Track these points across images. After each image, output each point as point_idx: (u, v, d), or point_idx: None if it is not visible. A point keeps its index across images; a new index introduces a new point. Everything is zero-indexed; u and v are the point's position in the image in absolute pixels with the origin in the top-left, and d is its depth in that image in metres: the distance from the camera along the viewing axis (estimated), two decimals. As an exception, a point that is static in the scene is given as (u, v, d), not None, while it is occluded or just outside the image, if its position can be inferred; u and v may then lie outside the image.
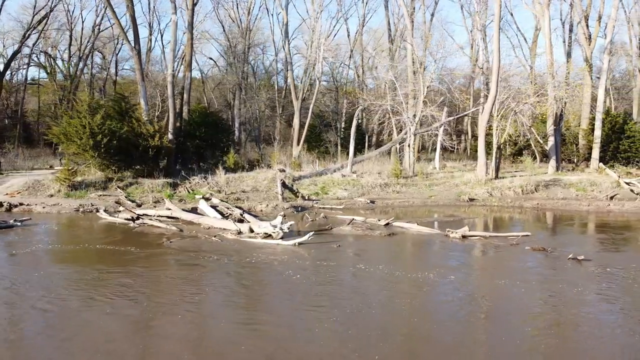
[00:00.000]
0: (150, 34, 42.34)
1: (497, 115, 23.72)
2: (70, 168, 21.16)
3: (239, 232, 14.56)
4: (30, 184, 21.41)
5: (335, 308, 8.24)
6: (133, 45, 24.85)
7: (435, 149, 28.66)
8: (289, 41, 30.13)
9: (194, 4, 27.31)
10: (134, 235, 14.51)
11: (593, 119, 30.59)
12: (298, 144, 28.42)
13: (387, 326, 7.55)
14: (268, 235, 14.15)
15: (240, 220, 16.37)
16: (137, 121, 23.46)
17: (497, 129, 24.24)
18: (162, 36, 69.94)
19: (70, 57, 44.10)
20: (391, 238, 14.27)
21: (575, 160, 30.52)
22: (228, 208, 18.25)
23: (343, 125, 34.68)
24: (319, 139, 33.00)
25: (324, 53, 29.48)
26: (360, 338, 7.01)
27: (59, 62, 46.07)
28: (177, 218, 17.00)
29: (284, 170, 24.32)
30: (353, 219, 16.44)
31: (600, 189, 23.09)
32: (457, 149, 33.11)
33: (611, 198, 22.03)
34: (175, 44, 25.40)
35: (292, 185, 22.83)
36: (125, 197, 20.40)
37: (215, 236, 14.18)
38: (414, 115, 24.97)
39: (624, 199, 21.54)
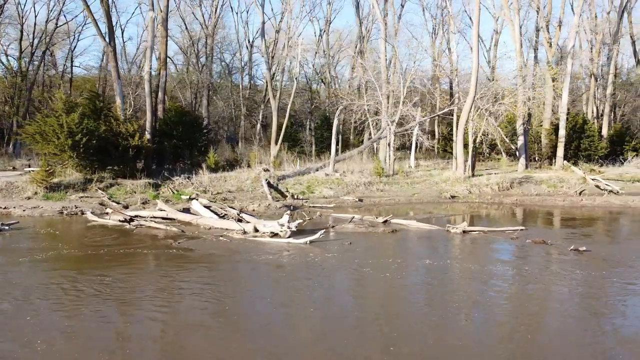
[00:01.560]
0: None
1: (474, 115, 24.64)
2: (47, 169, 20.23)
3: (244, 232, 14.47)
4: (3, 185, 20.31)
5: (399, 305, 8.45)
6: (108, 42, 24.05)
7: (410, 148, 29.33)
8: (265, 41, 29.95)
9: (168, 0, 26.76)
10: (136, 237, 14.10)
11: (555, 119, 32.35)
12: (276, 144, 28.36)
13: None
14: (274, 234, 14.17)
15: (239, 220, 16.25)
16: (115, 120, 22.74)
17: (473, 129, 25.17)
18: (122, 32, 67.67)
19: (21, 53, 41.85)
20: (396, 234, 14.60)
21: (537, 159, 32.10)
22: (222, 208, 18.04)
23: (314, 125, 34.85)
24: (295, 138, 33.06)
25: (302, 53, 29.52)
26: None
27: (3, 58, 43.53)
28: (173, 219, 16.63)
29: (268, 170, 24.26)
30: (353, 217, 16.70)
31: (568, 185, 24.47)
32: (431, 147, 33.94)
33: (580, 193, 23.42)
34: (152, 41, 24.74)
35: (277, 185, 22.80)
36: (108, 198, 19.75)
37: (221, 236, 14.04)
38: (394, 115, 25.51)
39: (593, 194, 22.94)
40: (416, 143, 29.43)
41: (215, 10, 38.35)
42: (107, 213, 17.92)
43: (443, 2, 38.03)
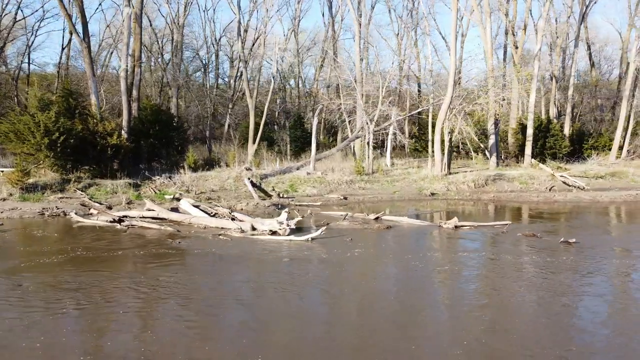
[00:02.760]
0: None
1: (450, 115, 25.39)
2: (22, 169, 19.44)
3: (242, 231, 14.44)
4: (-26, 187, 19.38)
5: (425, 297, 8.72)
6: (82, 38, 23.32)
7: (384, 147, 29.86)
8: (242, 39, 29.72)
9: (144, -4, 26.19)
10: (132, 238, 13.82)
11: (520, 119, 33.72)
12: (254, 143, 28.23)
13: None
14: (273, 232, 14.22)
15: (232, 219, 16.18)
16: (92, 118, 22.09)
17: (448, 128, 25.92)
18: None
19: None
20: (391, 231, 14.94)
21: (505, 157, 33.36)
22: (212, 207, 17.93)
23: (289, 125, 34.90)
24: (270, 138, 32.99)
25: (280, 52, 29.53)
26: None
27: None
28: (163, 219, 16.38)
29: (250, 169, 24.16)
30: (347, 214, 16.92)
31: (539, 182, 25.59)
32: (409, 146, 34.63)
33: (550, 189, 24.56)
34: (129, 37, 24.13)
35: (261, 184, 22.78)
36: (89, 199, 19.20)
37: (220, 235, 13.98)
38: (373, 114, 25.94)
39: (563, 190, 24.11)
40: (391, 142, 29.98)
41: (185, 7, 37.68)
42: (91, 214, 17.49)
43: (410, 4, 38.88)
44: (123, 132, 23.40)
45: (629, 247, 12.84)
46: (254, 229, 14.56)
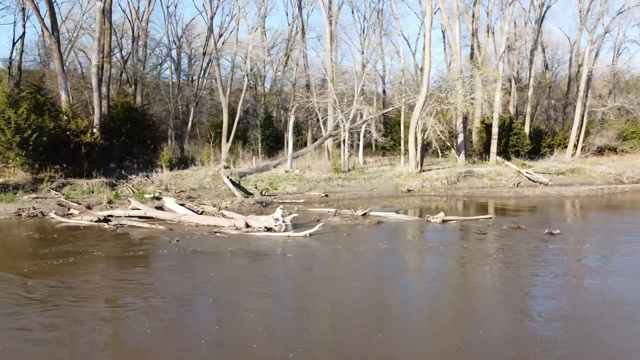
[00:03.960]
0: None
1: (423, 113, 26.10)
2: (-8, 168, 18.58)
3: (237, 228, 14.41)
4: (-61, 187, 18.34)
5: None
6: (51, 32, 22.45)
7: (359, 145, 30.31)
8: (214, 36, 29.37)
9: (112, -10, 25.46)
10: (125, 237, 13.51)
11: (484, 118, 35.00)
12: (227, 141, 27.98)
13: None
14: (268, 229, 14.26)
15: (221, 217, 16.09)
16: (64, 115, 21.33)
17: (421, 127, 26.63)
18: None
19: None
20: (383, 226, 15.30)
21: (470, 155, 34.55)
22: (198, 205, 17.76)
23: (259, 123, 34.78)
24: (242, 136, 32.77)
25: (253, 50, 29.39)
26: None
27: None
28: (151, 218, 16.06)
29: (228, 167, 23.98)
30: (337, 210, 17.17)
31: (506, 178, 26.75)
32: (384, 143, 35.17)
33: (517, 185, 25.73)
34: (100, 32, 23.41)
35: (240, 182, 22.70)
36: (65, 198, 18.56)
37: (217, 232, 13.90)
38: (348, 113, 26.31)
39: (530, 186, 25.33)
40: (363, 140, 30.45)
41: (149, 3, 36.82)
42: (71, 214, 16.93)
43: (374, 4, 39.52)
44: (95, 130, 22.72)
45: (608, 235, 13.72)
46: (248, 226, 14.55)
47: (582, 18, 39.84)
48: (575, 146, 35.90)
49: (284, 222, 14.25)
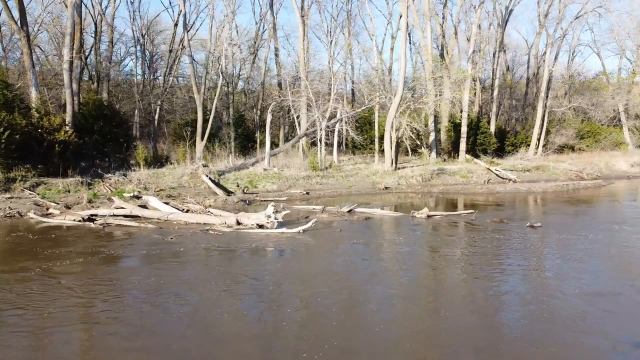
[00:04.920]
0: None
1: (397, 112, 26.64)
2: (-39, 168, 17.76)
3: (228, 226, 14.39)
4: None
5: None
6: (20, 26, 21.62)
7: (333, 143, 30.56)
8: (187, 33, 28.89)
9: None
10: (125, 237, 13.24)
11: (451, 117, 36.02)
12: (202, 139, 27.66)
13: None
14: (260, 226, 14.33)
15: (207, 214, 16.03)
16: (36, 112, 20.60)
17: (395, 125, 27.18)
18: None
19: None
20: (371, 221, 15.63)
21: (439, 153, 35.49)
22: (182, 204, 17.59)
23: (232, 122, 34.54)
24: (221, 134, 32.47)
25: (229, 47, 29.17)
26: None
27: None
28: (137, 216, 15.80)
29: (206, 166, 23.75)
30: (324, 207, 17.37)
31: (477, 175, 27.69)
32: (361, 142, 35.52)
33: (487, 182, 26.68)
34: (72, 27, 22.69)
35: (219, 181, 22.56)
36: (41, 198, 17.98)
37: (210, 230, 13.85)
38: (325, 111, 26.55)
39: (500, 183, 26.31)
40: (337, 139, 30.76)
41: (115, -1, 35.92)
42: (50, 214, 16.44)
43: (348, 5, 39.93)
44: (67, 127, 22.03)
45: (585, 227, 14.51)
46: (239, 223, 14.57)
47: (540, 22, 41.63)
48: (537, 144, 37.47)
49: (275, 219, 14.34)
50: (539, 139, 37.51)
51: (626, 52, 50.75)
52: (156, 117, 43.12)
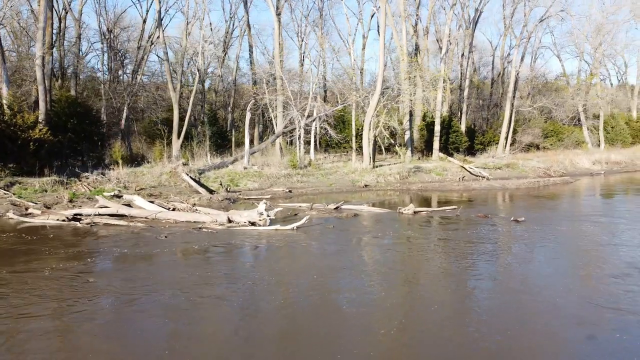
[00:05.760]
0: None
1: (375, 111, 27.01)
2: None
3: (221, 224, 14.32)
4: None
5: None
6: (-11, 19, 20.78)
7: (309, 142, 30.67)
8: (162, 30, 28.38)
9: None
10: (125, 237, 12.90)
11: (424, 116, 36.75)
12: (179, 138, 27.27)
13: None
14: (252, 224, 14.32)
15: (195, 212, 15.89)
16: (10, 109, 19.86)
17: (372, 124, 27.55)
18: None
19: None
20: (359, 217, 15.86)
21: (412, 152, 36.15)
22: (168, 203, 17.36)
23: (207, 120, 34.16)
24: (199, 133, 32.05)
25: (205, 45, 28.83)
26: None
27: None
28: (123, 215, 15.49)
29: (186, 164, 23.45)
30: (312, 204, 17.48)
31: (451, 173, 28.40)
32: (338, 140, 35.63)
33: (462, 179, 27.40)
34: (44, 22, 21.96)
35: (199, 179, 22.33)
36: (17, 198, 17.38)
37: (202, 228, 13.76)
38: (303, 110, 26.63)
39: (474, 180, 27.07)
40: (314, 137, 30.91)
41: (84, -6, 34.89)
42: (29, 214, 15.92)
43: (320, 4, 40.11)
44: (41, 125, 21.34)
45: (564, 220, 15.19)
46: (230, 221, 14.52)
47: (506, 24, 42.99)
48: (505, 143, 38.67)
49: (268, 216, 14.37)
50: (506, 138, 38.71)
51: (584, 55, 53.09)
52: (124, 115, 42.22)
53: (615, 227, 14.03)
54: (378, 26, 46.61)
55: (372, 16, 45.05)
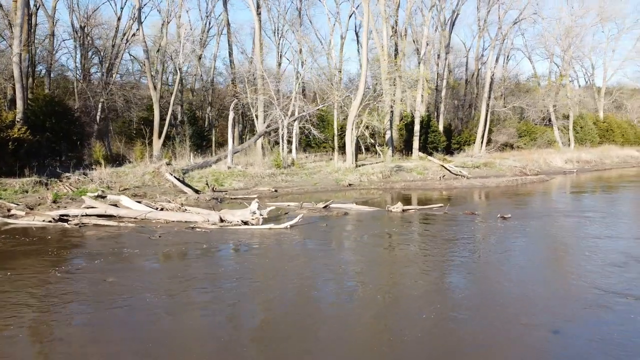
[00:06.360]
0: None
1: (358, 111, 27.22)
2: None
3: (213, 223, 14.24)
4: None
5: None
6: (-36, 14, 20.10)
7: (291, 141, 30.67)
8: (141, 27, 27.87)
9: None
10: (125, 237, 12.69)
11: (402, 116, 37.19)
12: (159, 137, 26.89)
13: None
14: (245, 222, 14.30)
15: (184, 212, 15.77)
16: (-14, 108, 19.28)
17: (354, 123, 27.76)
18: None
19: None
20: (350, 216, 16.01)
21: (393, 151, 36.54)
22: (155, 203, 17.15)
23: (187, 119, 33.80)
24: (171, 133, 31.61)
25: (186, 43, 28.50)
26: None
27: None
28: (111, 216, 15.24)
29: (169, 164, 23.15)
30: (302, 203, 17.56)
31: (432, 172, 28.85)
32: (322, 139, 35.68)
33: (442, 178, 27.88)
34: (22, 18, 21.35)
35: (183, 179, 22.10)
36: (-3, 199, 16.89)
37: (194, 227, 13.67)
38: (286, 109, 26.65)
39: (454, 179, 27.57)
40: (296, 137, 30.95)
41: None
42: (12, 215, 15.49)
43: (299, 4, 40.17)
44: (20, 124, 20.75)
45: (547, 216, 15.68)
46: (222, 220, 14.46)
47: (480, 26, 43.89)
48: (482, 143, 39.51)
49: (260, 215, 14.37)
50: (483, 138, 39.54)
51: (554, 57, 54.67)
52: (98, 114, 41.35)
53: (598, 222, 14.58)
54: (356, 26, 47.38)
55: (350, 16, 45.45)
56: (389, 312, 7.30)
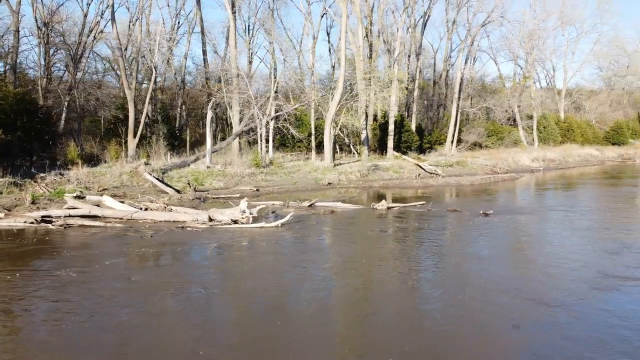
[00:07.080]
0: None
1: (336, 110, 27.46)
2: None
3: (203, 222, 14.16)
4: None
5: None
6: None
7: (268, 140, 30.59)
8: (115, 24, 27.23)
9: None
10: (125, 238, 12.46)
11: (376, 116, 37.66)
12: (135, 137, 26.37)
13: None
14: (235, 221, 14.28)
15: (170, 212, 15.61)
16: (-43, 106, 18.51)
17: (332, 123, 27.98)
18: None
19: None
20: (338, 214, 16.20)
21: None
22: (139, 203, 16.88)
23: (160, 119, 33.26)
24: (144, 132, 31.00)
25: (162, 41, 28.04)
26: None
27: None
28: (96, 216, 14.92)
29: (148, 164, 22.76)
30: (287, 202, 17.63)
31: (407, 170, 29.38)
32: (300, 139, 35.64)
33: (418, 176, 28.44)
34: (-8, 13, 20.58)
35: (163, 179, 21.80)
36: (-29, 201, 16.28)
37: (183, 227, 13.58)
38: (264, 109, 26.61)
39: (429, 177, 28.17)
40: (273, 136, 30.91)
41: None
42: (-10, 217, 14.97)
43: (273, 4, 40.03)
44: (-11, 123, 20.04)
45: (527, 212, 16.28)
46: (211, 219, 14.39)
47: (449, 28, 44.91)
48: (452, 142, 40.43)
49: (250, 214, 14.39)
50: (453, 137, 40.46)
51: (518, 59, 56.45)
52: (63, 115, 40.16)
53: (571, 217, 15.26)
54: (327, 27, 47.66)
55: (322, 16, 45.68)
56: (432, 296, 7.52)
